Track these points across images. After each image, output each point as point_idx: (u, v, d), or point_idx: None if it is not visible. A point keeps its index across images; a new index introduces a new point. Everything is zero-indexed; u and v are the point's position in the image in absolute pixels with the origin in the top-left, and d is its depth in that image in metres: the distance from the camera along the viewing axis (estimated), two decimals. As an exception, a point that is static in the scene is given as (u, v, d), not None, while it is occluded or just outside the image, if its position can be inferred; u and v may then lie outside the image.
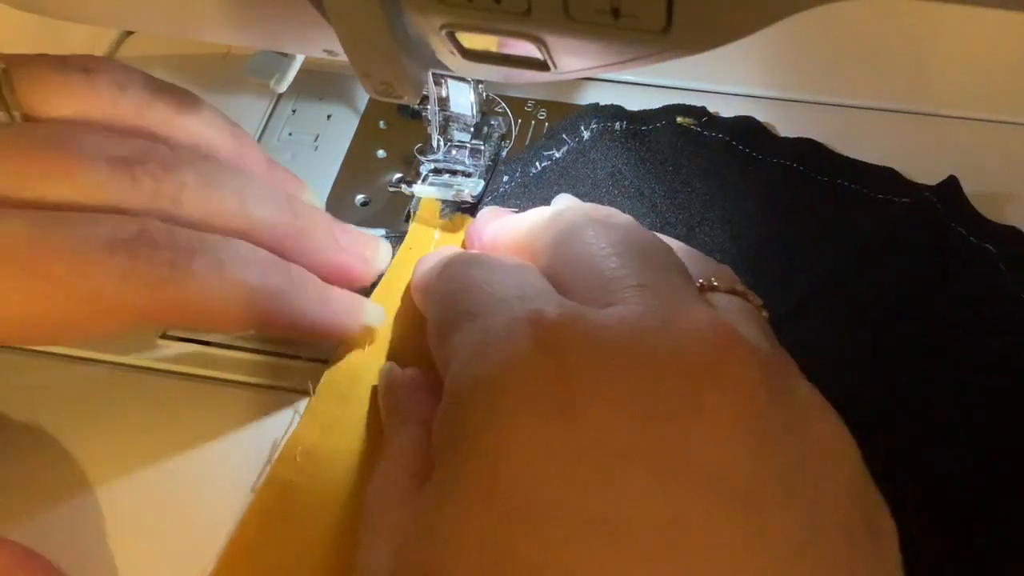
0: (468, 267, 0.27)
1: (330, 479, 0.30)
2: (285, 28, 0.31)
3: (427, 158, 0.37)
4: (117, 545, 0.29)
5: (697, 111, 0.39)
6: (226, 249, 0.28)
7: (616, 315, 0.22)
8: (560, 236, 0.27)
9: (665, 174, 0.37)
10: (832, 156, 0.38)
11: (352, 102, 0.42)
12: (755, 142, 0.38)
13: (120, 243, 0.26)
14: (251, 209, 0.30)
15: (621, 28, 0.23)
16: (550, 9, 0.23)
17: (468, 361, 0.23)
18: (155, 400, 0.33)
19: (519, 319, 0.22)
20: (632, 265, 0.24)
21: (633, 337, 0.22)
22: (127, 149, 0.28)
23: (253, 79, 0.38)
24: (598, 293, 0.24)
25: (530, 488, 0.20)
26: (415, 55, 0.27)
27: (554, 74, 0.27)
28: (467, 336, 0.23)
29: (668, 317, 0.22)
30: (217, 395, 0.33)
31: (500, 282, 0.25)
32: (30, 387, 0.33)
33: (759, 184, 0.37)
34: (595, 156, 0.38)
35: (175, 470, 0.31)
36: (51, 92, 0.29)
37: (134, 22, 0.38)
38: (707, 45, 0.23)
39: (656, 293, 0.23)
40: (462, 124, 0.37)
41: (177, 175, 0.28)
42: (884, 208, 0.36)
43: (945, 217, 0.35)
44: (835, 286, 0.34)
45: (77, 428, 0.32)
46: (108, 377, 0.33)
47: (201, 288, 0.27)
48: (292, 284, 0.29)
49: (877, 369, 0.28)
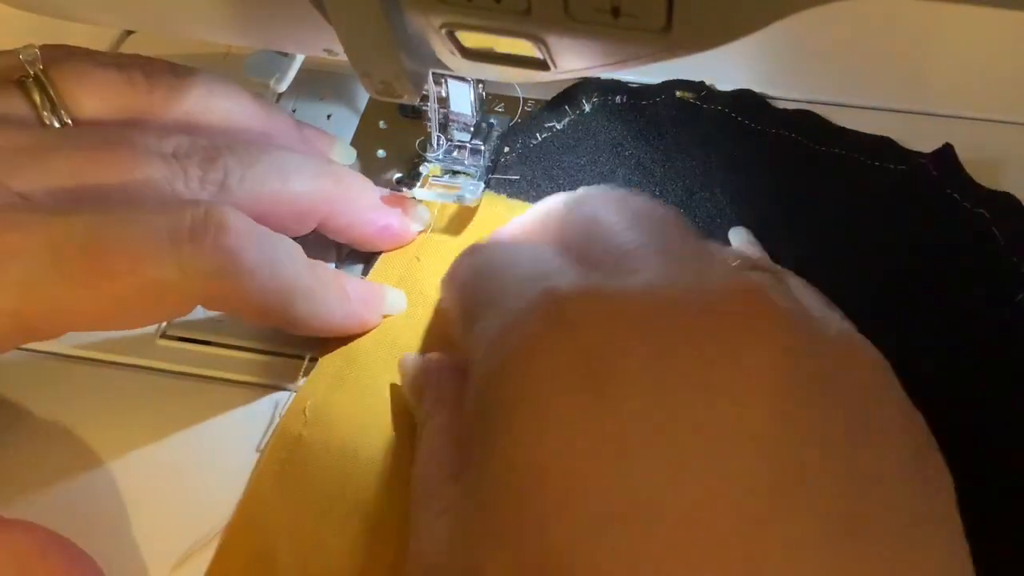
0: (486, 255, 0.28)
1: (339, 432, 0.30)
2: (285, 28, 0.31)
3: (427, 156, 0.37)
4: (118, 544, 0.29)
5: (696, 85, 0.40)
6: (274, 247, 0.29)
7: (639, 283, 0.22)
8: (579, 215, 0.28)
9: (664, 145, 0.38)
10: (828, 126, 0.39)
11: (352, 102, 0.42)
12: (753, 113, 0.39)
13: (181, 233, 0.27)
14: (293, 182, 0.31)
15: (621, 27, 0.23)
16: (550, 8, 0.23)
17: (489, 348, 0.23)
18: (155, 399, 0.33)
19: (533, 299, 0.22)
20: (652, 236, 0.24)
21: (653, 305, 0.21)
22: (172, 145, 0.29)
23: (253, 79, 0.38)
24: (619, 264, 0.24)
25: (562, 471, 0.19)
26: (415, 55, 0.27)
27: (554, 74, 0.27)
28: (488, 323, 0.24)
29: (691, 282, 0.22)
30: (217, 394, 0.33)
31: (518, 265, 0.25)
32: (31, 386, 0.33)
33: (757, 153, 0.37)
34: (596, 127, 0.38)
35: (175, 469, 0.31)
36: (91, 90, 0.30)
37: (134, 22, 0.38)
38: (707, 44, 0.23)
39: (678, 259, 0.23)
40: (462, 124, 0.37)
41: (220, 163, 0.30)
42: (880, 174, 0.37)
43: (940, 183, 0.36)
44: (832, 250, 0.34)
45: (78, 427, 0.32)
46: (108, 377, 0.33)
47: (251, 282, 0.28)
48: (319, 282, 0.30)
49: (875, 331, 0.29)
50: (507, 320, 0.23)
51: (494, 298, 0.24)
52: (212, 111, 0.32)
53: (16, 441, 0.32)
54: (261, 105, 0.34)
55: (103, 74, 0.31)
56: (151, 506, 0.30)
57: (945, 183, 0.36)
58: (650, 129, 0.38)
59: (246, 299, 0.28)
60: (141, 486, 0.31)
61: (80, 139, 0.29)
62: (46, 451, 0.31)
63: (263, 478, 0.30)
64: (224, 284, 0.27)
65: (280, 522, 0.29)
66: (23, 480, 0.31)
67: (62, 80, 0.30)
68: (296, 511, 0.29)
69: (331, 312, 0.31)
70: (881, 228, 0.35)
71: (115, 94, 0.31)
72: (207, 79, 0.33)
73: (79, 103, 0.30)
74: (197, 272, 0.27)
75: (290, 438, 0.30)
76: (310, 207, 0.32)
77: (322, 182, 0.32)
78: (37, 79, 0.29)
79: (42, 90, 0.29)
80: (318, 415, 0.31)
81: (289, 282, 0.29)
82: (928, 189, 0.36)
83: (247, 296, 0.28)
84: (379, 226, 0.34)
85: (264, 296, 0.28)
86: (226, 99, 0.33)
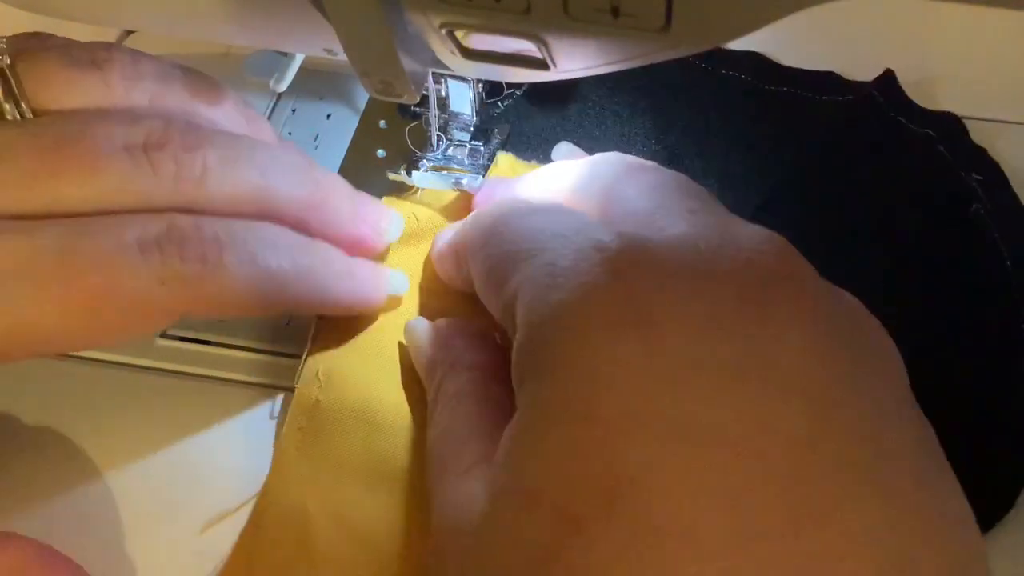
0: (508, 216, 0.27)
1: (354, 393, 0.31)
2: (285, 28, 0.31)
3: (427, 156, 0.37)
4: (119, 543, 0.29)
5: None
6: (254, 237, 0.28)
7: (674, 236, 0.23)
8: (597, 180, 0.28)
9: (628, 90, 0.40)
10: (777, 67, 0.41)
11: (352, 102, 0.42)
12: (706, 55, 0.41)
13: (150, 244, 0.26)
14: (274, 182, 0.30)
15: (620, 27, 0.23)
16: (550, 8, 0.23)
17: (541, 293, 0.23)
18: (155, 399, 0.33)
19: (584, 249, 0.23)
20: (677, 196, 0.26)
21: (695, 254, 0.23)
22: (144, 133, 0.27)
23: (253, 79, 0.38)
24: (644, 222, 0.25)
25: (620, 400, 0.21)
26: (415, 54, 0.27)
27: (554, 73, 0.27)
28: (533, 271, 0.24)
29: (722, 234, 0.23)
30: (216, 394, 0.33)
31: (548, 221, 0.26)
32: (31, 387, 0.33)
33: (716, 95, 0.40)
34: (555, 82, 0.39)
35: (175, 468, 0.31)
36: (62, 89, 0.28)
37: (134, 22, 0.38)
38: (706, 44, 0.23)
39: (706, 215, 0.24)
40: (462, 124, 0.37)
41: (198, 154, 0.28)
42: (830, 109, 0.39)
43: (885, 109, 0.38)
44: (791, 185, 0.37)
45: (78, 427, 0.32)
46: (108, 377, 0.33)
47: (235, 279, 0.27)
48: (321, 262, 0.30)
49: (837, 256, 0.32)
50: (555, 268, 0.23)
51: (531, 250, 0.25)
52: (193, 116, 0.30)
53: (14, 442, 0.32)
54: (246, 113, 0.32)
55: (76, 72, 0.28)
56: (151, 507, 0.30)
57: (890, 107, 0.38)
58: (611, 76, 0.40)
59: (235, 297, 0.27)
60: (141, 487, 0.31)
61: (36, 137, 0.27)
62: (44, 452, 0.31)
63: (286, 445, 0.30)
64: (204, 288, 0.27)
65: (308, 484, 0.29)
66: (22, 482, 0.31)
67: (29, 76, 0.28)
68: (323, 472, 0.30)
69: (335, 289, 0.30)
70: (831, 159, 0.37)
71: (87, 95, 0.28)
72: (191, 80, 0.31)
73: (47, 101, 0.28)
74: (174, 281, 0.26)
75: (307, 404, 0.31)
76: (288, 211, 0.30)
77: (303, 186, 0.31)
78: (2, 73, 0.27)
79: (5, 85, 0.27)
80: (331, 379, 0.31)
81: (279, 267, 0.28)
82: (874, 115, 0.38)
83: (235, 294, 0.27)
84: (354, 236, 0.32)
85: (255, 288, 0.28)
86: (210, 105, 0.31)
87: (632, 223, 0.25)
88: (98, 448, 0.31)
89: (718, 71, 0.41)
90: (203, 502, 0.30)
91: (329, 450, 0.30)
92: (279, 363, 0.33)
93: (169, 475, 0.31)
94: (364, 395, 0.31)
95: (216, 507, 0.30)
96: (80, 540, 0.27)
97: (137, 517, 0.30)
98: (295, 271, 0.29)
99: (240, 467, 0.31)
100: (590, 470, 0.20)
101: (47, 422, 0.32)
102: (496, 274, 0.26)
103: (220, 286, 0.27)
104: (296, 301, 0.29)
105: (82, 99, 0.28)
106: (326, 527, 0.28)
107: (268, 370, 0.33)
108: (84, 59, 0.29)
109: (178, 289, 0.26)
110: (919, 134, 0.38)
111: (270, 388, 0.33)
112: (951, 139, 0.37)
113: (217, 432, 0.32)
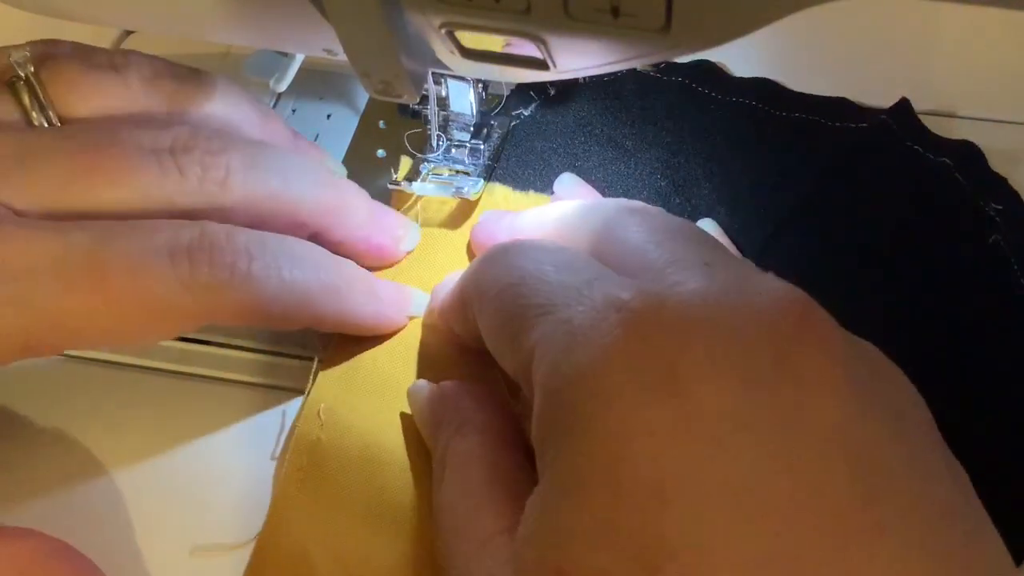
0: (514, 258, 0.26)
1: (356, 432, 0.31)
2: (285, 28, 0.31)
3: (427, 156, 0.37)
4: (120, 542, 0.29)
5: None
6: (283, 250, 0.29)
7: (694, 292, 0.22)
8: (604, 225, 0.27)
9: (631, 118, 0.39)
10: (786, 92, 0.40)
11: (352, 102, 0.42)
12: (713, 83, 0.40)
13: (180, 251, 0.26)
14: (295, 187, 0.30)
15: (620, 27, 0.23)
16: (550, 8, 0.23)
17: (560, 355, 0.22)
18: (157, 400, 0.33)
19: (600, 307, 0.22)
20: (688, 247, 0.25)
21: (715, 310, 0.22)
22: (170, 139, 0.29)
23: (253, 79, 0.38)
24: (658, 275, 0.24)
25: (652, 467, 0.20)
26: (415, 54, 0.27)
27: (554, 73, 0.27)
28: (549, 330, 0.23)
29: (742, 288, 0.22)
30: (218, 394, 0.33)
31: (557, 268, 0.25)
32: (33, 387, 0.33)
33: (723, 121, 0.39)
34: (562, 109, 0.39)
35: (177, 468, 0.31)
36: (85, 93, 0.29)
37: (134, 22, 0.38)
38: (706, 44, 0.23)
39: (721, 268, 0.23)
40: (462, 124, 0.37)
41: (222, 159, 0.29)
42: (842, 135, 0.38)
43: (900, 136, 0.37)
44: (804, 212, 0.36)
45: (79, 428, 0.32)
46: (109, 377, 0.33)
47: (260, 291, 0.28)
48: (345, 281, 0.30)
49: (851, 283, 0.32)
50: (572, 327, 0.23)
51: (543, 305, 0.24)
52: (209, 111, 0.32)
53: (15, 443, 0.32)
54: (260, 111, 0.33)
55: (97, 77, 0.30)
56: (152, 508, 0.30)
57: (905, 136, 0.37)
58: (615, 104, 0.39)
59: (259, 308, 0.28)
60: (142, 487, 0.31)
61: (68, 141, 0.28)
62: (46, 452, 0.31)
63: (287, 485, 0.30)
64: (230, 297, 0.27)
65: (310, 525, 0.29)
66: (23, 483, 0.31)
67: (53, 83, 0.29)
68: (324, 512, 0.29)
69: (359, 310, 0.31)
70: (845, 186, 0.36)
71: (109, 98, 0.30)
72: (206, 82, 0.32)
73: (71, 108, 0.29)
74: (200, 288, 0.27)
75: (308, 443, 0.30)
76: (308, 216, 0.31)
77: (323, 192, 0.31)
78: (27, 81, 0.29)
79: (32, 93, 0.29)
80: (333, 418, 0.31)
81: (305, 282, 0.29)
82: (889, 143, 0.37)
83: (259, 305, 0.28)
84: (371, 244, 0.33)
85: (279, 301, 0.28)
86: (225, 104, 0.32)
87: (647, 275, 0.24)
88: (101, 448, 0.31)
89: (727, 98, 0.40)
90: (205, 504, 0.30)
91: (331, 490, 0.29)
92: (283, 364, 0.33)
93: (170, 477, 0.31)
94: (366, 434, 0.31)
95: (218, 509, 0.30)
96: (80, 543, 0.27)
97: (138, 519, 0.30)
98: (320, 287, 0.29)
99: (244, 469, 0.31)
100: (626, 547, 0.19)
101: (47, 422, 0.32)
102: (508, 330, 0.25)
103: (245, 296, 0.27)
104: (318, 317, 0.30)
105: (104, 101, 0.30)
106: (329, 570, 0.28)
107: (272, 371, 0.33)
108: (103, 63, 0.30)
109: (203, 296, 0.27)
110: (936, 162, 0.36)
111: (274, 389, 0.33)
112: (969, 167, 0.36)
113: (220, 433, 0.32)
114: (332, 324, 0.31)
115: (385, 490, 0.29)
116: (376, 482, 0.29)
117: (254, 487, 0.30)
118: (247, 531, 0.29)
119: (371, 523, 0.29)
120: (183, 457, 0.31)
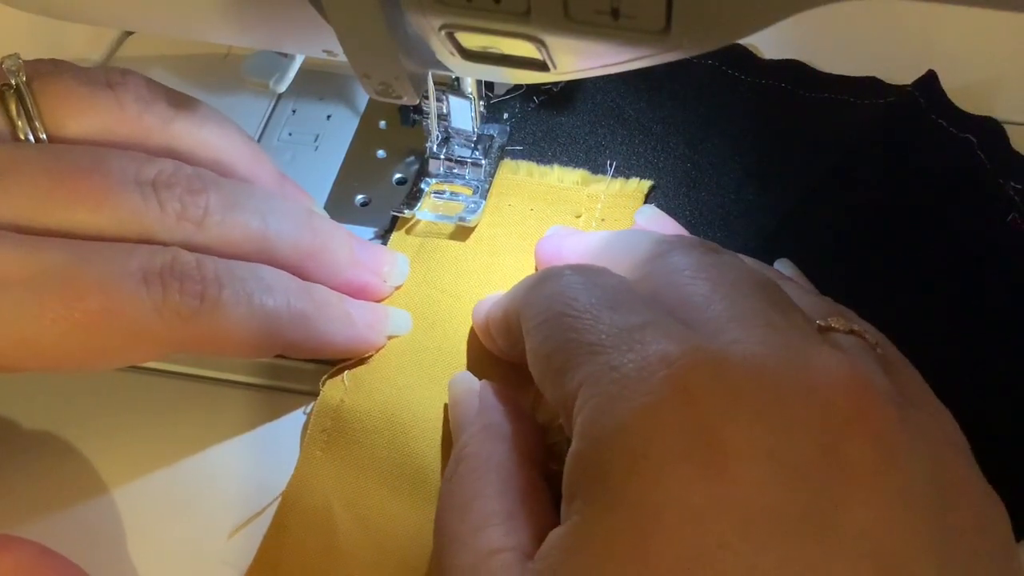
0: (572, 286, 0.26)
1: (379, 396, 0.31)
2: (285, 28, 0.31)
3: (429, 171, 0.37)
4: (122, 541, 0.29)
5: None
6: (253, 278, 0.29)
7: (748, 356, 0.22)
8: (674, 265, 0.26)
9: (661, 100, 0.40)
10: (815, 73, 0.41)
11: (352, 102, 0.42)
12: (742, 65, 0.41)
13: (152, 275, 0.26)
14: (273, 228, 0.30)
15: (620, 29, 0.23)
16: (549, 10, 0.23)
17: (604, 404, 0.22)
18: (158, 400, 0.33)
19: (651, 360, 0.22)
20: (755, 302, 0.24)
21: (768, 379, 0.21)
22: (155, 171, 0.28)
23: (253, 79, 0.38)
24: (716, 331, 0.23)
25: (682, 546, 0.20)
26: (415, 55, 0.27)
27: (554, 74, 0.27)
28: (596, 373, 0.23)
29: (800, 358, 0.22)
30: (219, 396, 0.33)
31: (613, 306, 0.24)
32: (34, 389, 0.33)
33: (752, 103, 0.40)
34: (592, 90, 0.40)
35: (179, 469, 0.31)
36: (77, 108, 0.29)
37: (134, 22, 0.38)
38: (706, 45, 0.23)
39: (782, 332, 0.23)
40: (463, 139, 0.37)
41: (201, 199, 0.29)
42: (869, 111, 0.39)
43: (926, 111, 0.38)
44: (829, 186, 0.37)
45: (80, 428, 0.32)
46: (110, 378, 0.33)
47: (230, 319, 0.27)
48: (316, 307, 0.30)
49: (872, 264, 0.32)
50: (619, 375, 0.22)
51: (592, 344, 0.23)
52: (200, 143, 0.31)
53: (22, 445, 0.32)
54: (250, 148, 0.33)
55: (91, 92, 0.29)
56: (153, 509, 0.30)
57: (931, 109, 0.38)
58: (645, 87, 0.40)
59: (227, 337, 0.28)
60: (143, 488, 0.31)
61: (52, 160, 0.27)
62: (47, 454, 0.31)
63: (311, 446, 0.30)
64: (199, 324, 0.27)
65: (333, 485, 0.30)
66: (28, 485, 0.31)
67: (44, 95, 0.29)
68: (347, 473, 0.30)
69: (332, 335, 0.31)
70: (870, 160, 0.37)
71: (101, 116, 0.29)
72: (201, 112, 0.32)
73: (61, 122, 0.29)
74: (171, 314, 0.26)
75: (331, 406, 0.31)
76: (285, 259, 0.30)
77: (302, 235, 0.31)
78: (17, 90, 0.28)
79: (20, 102, 0.28)
80: (357, 382, 0.32)
81: (275, 309, 0.29)
82: (915, 118, 0.38)
83: (228, 333, 0.28)
84: (356, 285, 0.33)
85: (248, 329, 0.28)
86: (216, 134, 0.32)
87: (705, 328, 0.23)
88: (102, 447, 0.31)
89: (758, 81, 0.40)
90: (205, 501, 0.30)
91: (354, 451, 0.30)
92: (281, 365, 0.33)
93: (172, 474, 0.31)
94: (389, 397, 0.31)
95: (223, 511, 0.30)
96: (78, 548, 0.27)
97: (141, 514, 0.30)
98: (289, 314, 0.29)
99: (246, 470, 0.31)
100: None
101: (50, 422, 0.32)
102: (555, 362, 0.24)
103: (215, 324, 0.27)
104: (290, 344, 0.30)
105: (95, 119, 0.29)
106: (351, 529, 0.29)
107: (271, 372, 0.33)
108: (99, 80, 0.30)
109: (174, 322, 0.27)
110: (959, 139, 0.37)
111: (273, 390, 0.33)
112: (992, 145, 0.37)
113: (219, 433, 0.32)
114: (306, 350, 0.31)
115: (408, 452, 0.30)
116: (399, 445, 0.30)
117: (260, 488, 0.30)
118: (248, 532, 0.29)
119: (393, 484, 0.30)
120: (188, 458, 0.31)
